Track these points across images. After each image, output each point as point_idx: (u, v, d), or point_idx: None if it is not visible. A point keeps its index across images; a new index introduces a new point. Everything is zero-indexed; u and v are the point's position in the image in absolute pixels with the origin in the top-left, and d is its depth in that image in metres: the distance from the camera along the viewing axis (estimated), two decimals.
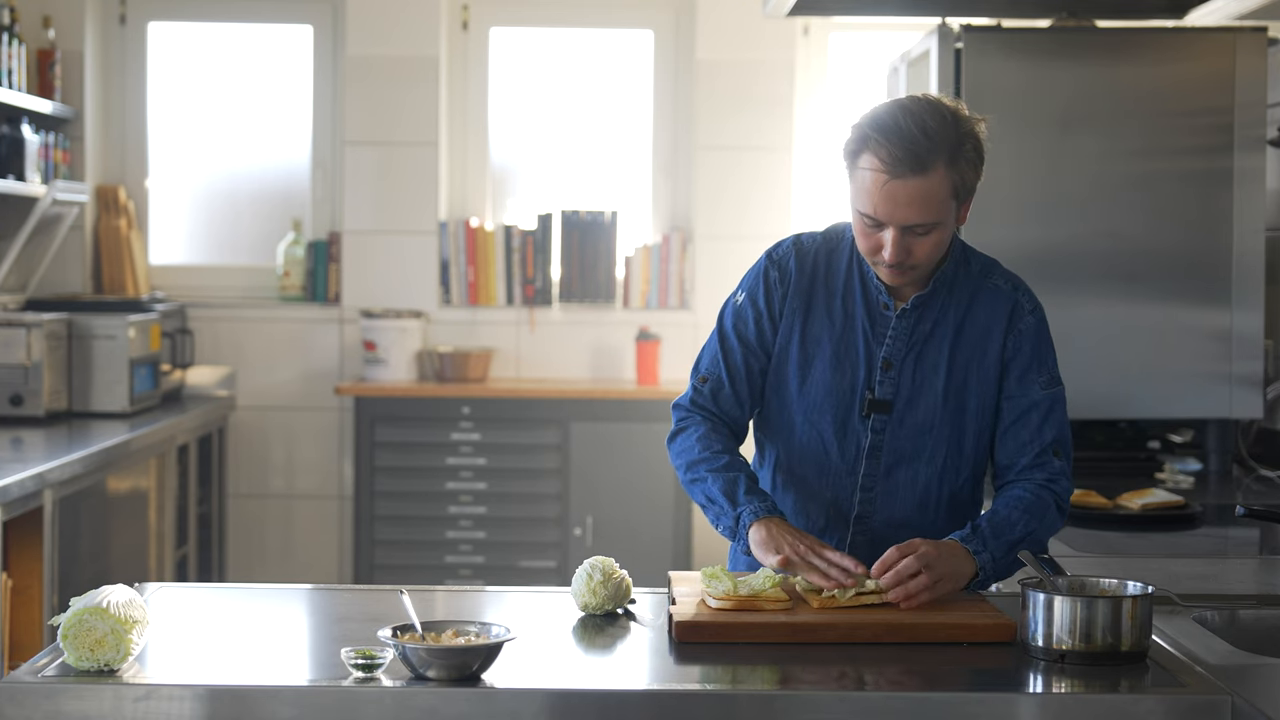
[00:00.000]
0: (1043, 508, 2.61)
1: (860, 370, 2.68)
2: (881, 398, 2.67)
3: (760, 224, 6.10)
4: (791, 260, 2.73)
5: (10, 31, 5.41)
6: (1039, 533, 2.60)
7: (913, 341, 2.67)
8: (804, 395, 2.70)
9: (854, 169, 2.57)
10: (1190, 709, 2.04)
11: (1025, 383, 2.67)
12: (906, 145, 2.49)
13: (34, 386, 5.04)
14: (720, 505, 2.62)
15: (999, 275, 2.72)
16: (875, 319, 2.68)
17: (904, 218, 2.53)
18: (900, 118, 2.52)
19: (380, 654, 2.10)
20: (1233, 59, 3.99)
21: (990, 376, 2.67)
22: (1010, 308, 2.69)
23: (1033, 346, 2.69)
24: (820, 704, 2.08)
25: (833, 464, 2.70)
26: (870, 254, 2.60)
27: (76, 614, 2.12)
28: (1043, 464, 2.66)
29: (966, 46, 4.03)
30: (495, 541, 5.91)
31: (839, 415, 2.68)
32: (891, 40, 6.05)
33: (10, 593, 4.07)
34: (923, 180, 2.50)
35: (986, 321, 2.68)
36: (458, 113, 6.36)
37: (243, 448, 6.25)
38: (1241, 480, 3.95)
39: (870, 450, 2.68)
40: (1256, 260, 4.00)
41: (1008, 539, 2.56)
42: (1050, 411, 2.67)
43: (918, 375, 2.67)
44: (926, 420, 2.67)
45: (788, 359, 2.71)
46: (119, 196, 6.20)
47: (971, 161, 2.55)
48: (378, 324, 6.06)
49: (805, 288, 2.71)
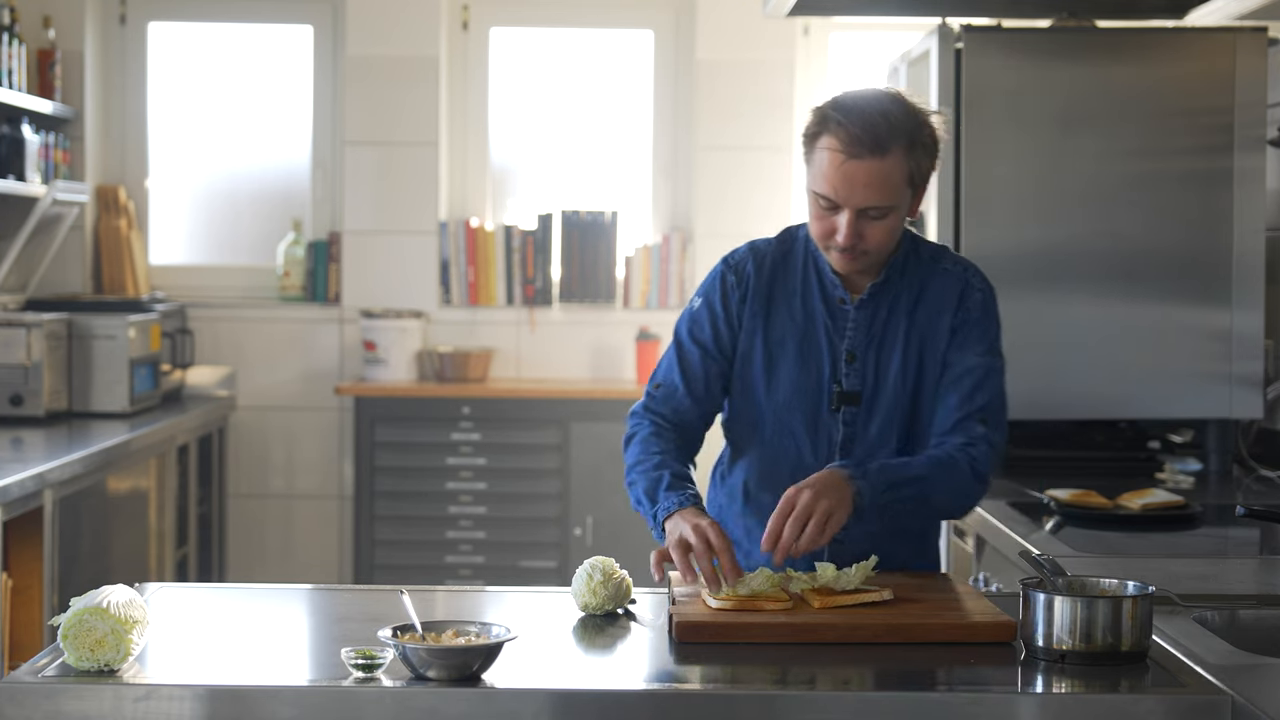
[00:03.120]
0: (950, 465, 2.63)
1: (825, 365, 2.71)
2: (849, 389, 2.70)
3: (760, 224, 6.08)
4: (749, 264, 2.76)
5: (10, 31, 5.41)
6: (936, 482, 2.61)
7: (872, 331, 2.71)
8: (772, 397, 2.72)
9: (813, 151, 2.61)
10: (1190, 709, 2.04)
11: (964, 349, 2.70)
12: (866, 126, 2.54)
13: (34, 386, 5.04)
14: (644, 505, 2.64)
15: (949, 260, 2.76)
16: (834, 313, 2.72)
17: (860, 199, 2.56)
18: (861, 102, 2.59)
19: (380, 654, 2.10)
20: (1233, 59, 3.98)
21: (939, 358, 2.71)
22: (961, 288, 2.73)
23: (978, 319, 2.72)
24: (820, 704, 2.08)
25: (806, 462, 2.71)
26: (823, 238, 2.64)
27: (76, 614, 2.12)
28: (965, 428, 2.67)
29: (966, 46, 4.03)
30: (495, 541, 5.91)
31: (809, 412, 2.71)
32: (891, 40, 6.06)
33: (10, 593, 4.07)
34: (880, 162, 2.55)
35: (938, 305, 2.72)
36: (458, 113, 6.36)
37: (243, 448, 6.25)
38: (1241, 480, 3.95)
39: (843, 443, 2.71)
40: (1256, 260, 3.99)
41: (894, 476, 2.57)
42: (985, 379, 2.69)
43: (880, 364, 2.70)
44: (891, 408, 2.70)
45: (752, 363, 2.74)
46: (119, 196, 6.20)
47: (928, 149, 2.61)
48: (378, 324, 6.07)
49: (764, 291, 2.74)
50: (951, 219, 4.04)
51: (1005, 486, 3.71)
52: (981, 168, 4.03)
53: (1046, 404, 4.04)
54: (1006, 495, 3.59)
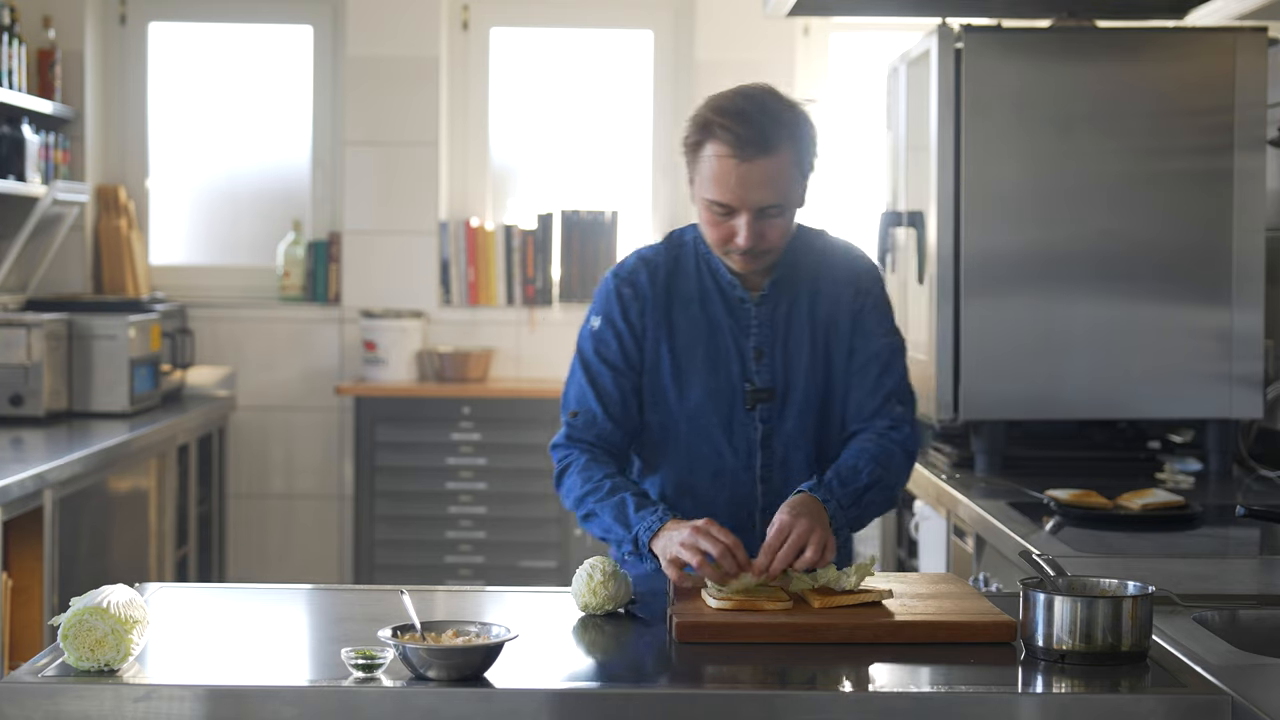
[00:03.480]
0: (888, 455, 2.68)
1: (735, 365, 2.71)
2: (762, 386, 2.71)
3: None
4: (642, 275, 2.74)
5: (10, 31, 5.41)
6: (886, 479, 2.67)
7: (776, 326, 2.72)
8: (684, 404, 2.71)
9: (698, 159, 2.61)
10: (1190, 709, 2.04)
11: (866, 336, 2.74)
12: (752, 127, 2.55)
13: (34, 386, 5.04)
14: (617, 533, 2.60)
15: (831, 242, 2.79)
16: (736, 313, 2.72)
17: (757, 200, 2.57)
18: (740, 102, 2.59)
19: (380, 654, 2.10)
20: (1233, 59, 3.98)
21: (844, 343, 2.74)
22: (852, 271, 2.76)
23: (874, 304, 2.76)
24: (820, 704, 2.08)
25: (727, 465, 2.72)
26: (721, 244, 2.63)
27: (76, 614, 2.12)
28: (885, 411, 2.72)
29: (966, 46, 4.02)
30: (495, 541, 5.91)
31: (724, 415, 2.71)
32: (891, 40, 6.05)
33: (10, 593, 4.07)
34: (771, 160, 2.56)
35: (834, 291, 2.74)
36: (458, 113, 6.36)
37: (243, 448, 6.25)
38: (1242, 480, 3.95)
39: (763, 440, 2.71)
40: (1256, 260, 3.99)
41: (854, 487, 2.63)
42: (890, 361, 2.74)
43: (788, 358, 2.72)
44: (804, 399, 2.72)
45: (660, 374, 2.72)
46: (119, 196, 6.20)
47: (812, 139, 2.63)
48: (378, 324, 6.07)
49: (663, 300, 2.73)
50: (951, 219, 4.04)
51: (1005, 486, 3.71)
52: (981, 168, 4.02)
53: (1046, 404, 4.04)
54: (1006, 495, 3.59)
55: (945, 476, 3.93)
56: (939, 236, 4.05)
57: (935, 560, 4.00)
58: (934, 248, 4.08)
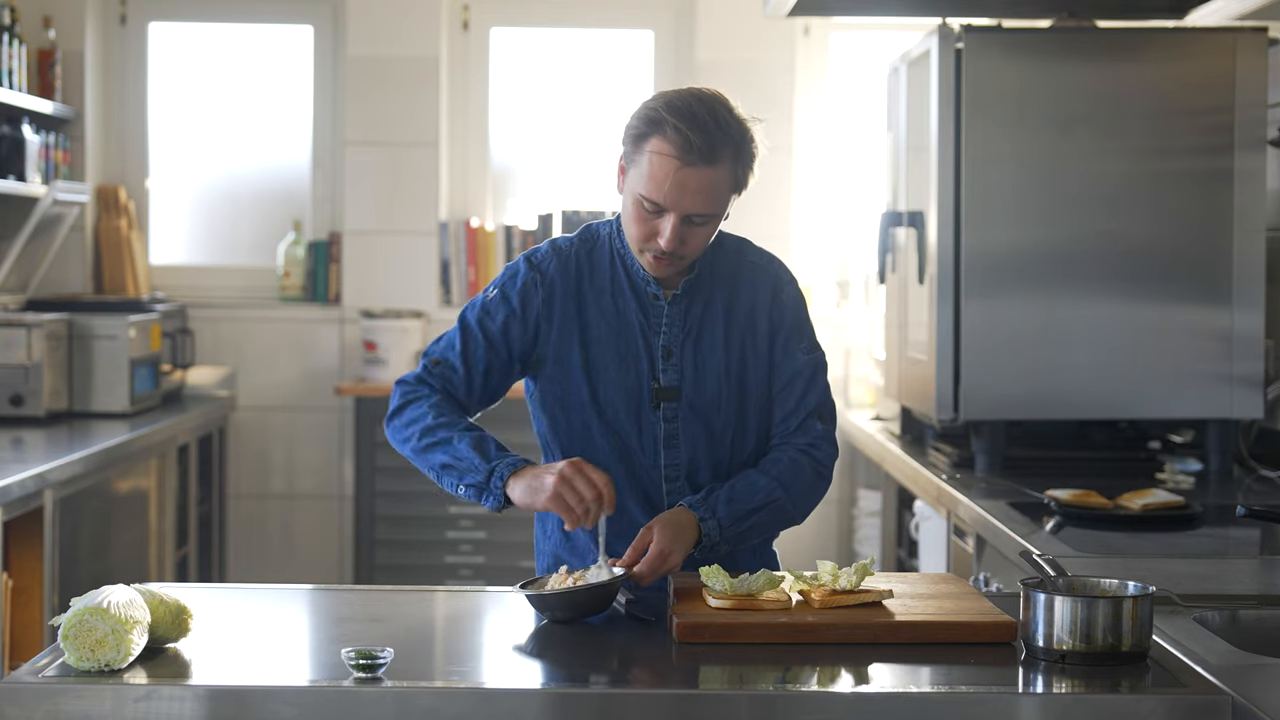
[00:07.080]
0: (796, 473, 2.67)
1: (643, 362, 2.69)
2: (667, 385, 2.69)
3: (761, 224, 6.08)
4: (552, 264, 2.72)
5: (10, 31, 5.41)
6: (786, 501, 2.66)
7: (688, 327, 2.70)
8: (596, 398, 2.71)
9: (638, 153, 2.58)
10: (1190, 709, 2.04)
11: (789, 351, 2.72)
12: (702, 133, 2.53)
13: (34, 386, 5.04)
14: (470, 462, 2.63)
15: (753, 252, 2.78)
16: (648, 310, 2.70)
17: (689, 206, 2.56)
18: (695, 105, 2.56)
19: (380, 654, 2.11)
20: (1233, 59, 3.99)
21: (762, 351, 2.72)
22: (772, 283, 2.74)
23: (794, 317, 2.74)
24: (820, 704, 2.08)
25: (637, 459, 2.71)
26: (642, 241, 2.61)
27: (77, 614, 2.12)
28: (806, 428, 2.71)
29: (966, 46, 4.03)
30: (496, 542, 5.91)
31: (632, 410, 2.70)
32: (891, 40, 6.05)
33: (10, 593, 4.07)
34: (711, 171, 2.54)
35: (752, 299, 2.72)
36: (458, 113, 6.36)
37: (243, 448, 6.25)
38: (1242, 480, 3.95)
39: (667, 439, 2.70)
40: (1256, 260, 4.00)
41: (744, 507, 2.63)
42: (813, 378, 2.73)
43: (698, 359, 2.70)
44: (713, 402, 2.70)
45: (571, 366, 2.71)
46: (119, 196, 6.20)
47: (752, 158, 2.61)
48: (378, 324, 6.06)
49: (573, 292, 2.71)
50: (952, 219, 4.04)
51: (1005, 486, 3.71)
52: (982, 168, 4.03)
53: (1046, 404, 4.04)
54: (1006, 495, 3.59)
55: (945, 476, 3.93)
56: (939, 236, 4.05)
57: (935, 560, 4.00)
58: (934, 248, 4.08)
